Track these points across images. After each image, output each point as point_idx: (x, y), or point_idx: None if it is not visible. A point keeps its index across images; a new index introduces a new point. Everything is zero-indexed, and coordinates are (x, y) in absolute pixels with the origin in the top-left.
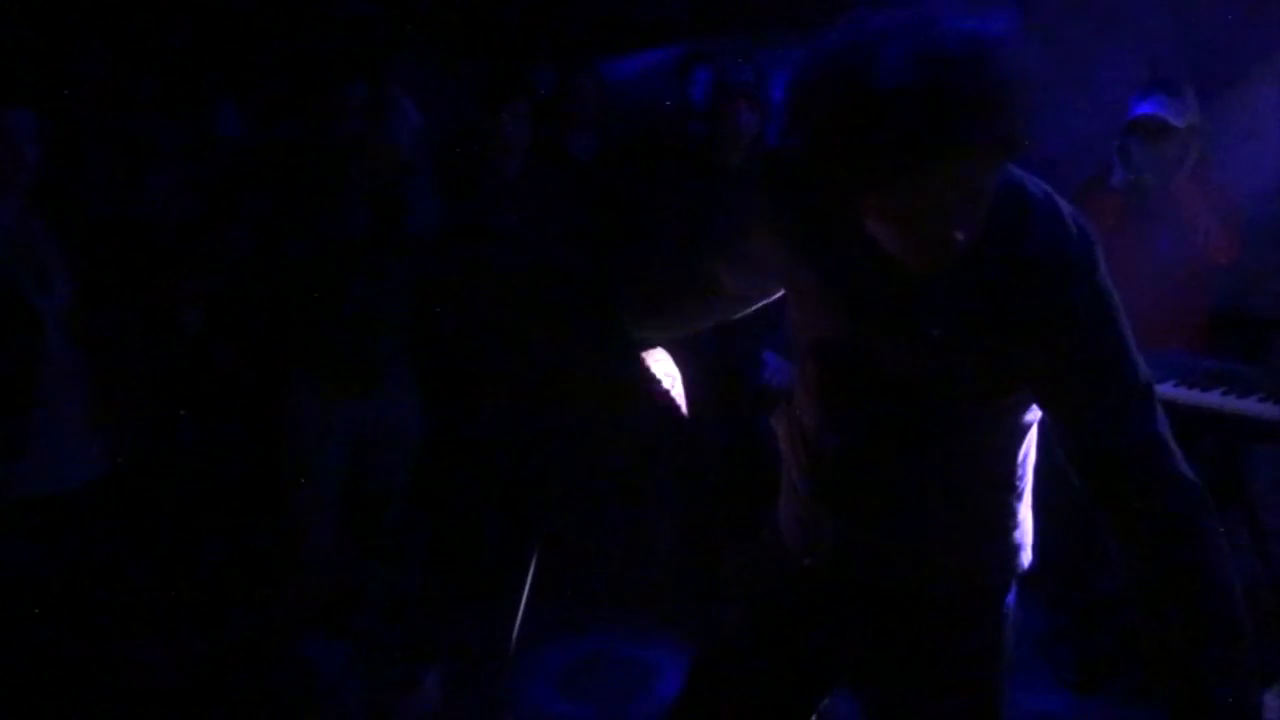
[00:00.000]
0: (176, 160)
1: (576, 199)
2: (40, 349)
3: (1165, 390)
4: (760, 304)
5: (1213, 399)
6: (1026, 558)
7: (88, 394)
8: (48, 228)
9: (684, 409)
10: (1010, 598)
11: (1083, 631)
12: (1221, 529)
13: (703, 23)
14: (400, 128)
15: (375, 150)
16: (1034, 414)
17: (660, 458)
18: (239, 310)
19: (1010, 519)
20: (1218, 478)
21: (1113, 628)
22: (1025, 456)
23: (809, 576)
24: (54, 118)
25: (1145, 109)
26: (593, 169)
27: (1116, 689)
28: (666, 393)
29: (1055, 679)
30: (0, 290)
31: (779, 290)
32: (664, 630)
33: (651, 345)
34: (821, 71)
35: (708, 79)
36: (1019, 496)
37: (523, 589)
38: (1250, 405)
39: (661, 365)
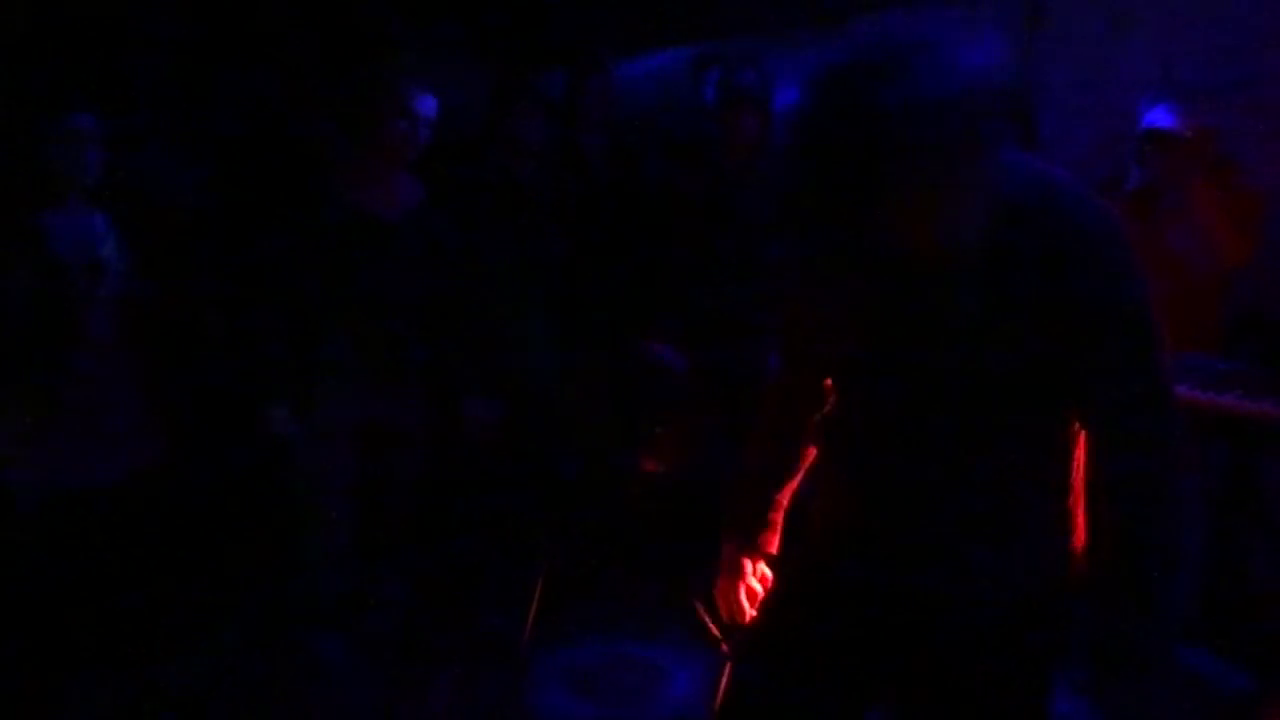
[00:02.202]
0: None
1: (588, 200)
2: (74, 347)
3: (1180, 393)
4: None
5: (1228, 401)
6: (1070, 567)
7: (135, 388)
8: (110, 222)
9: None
10: (1059, 607)
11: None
12: (1186, 499)
13: (713, 25)
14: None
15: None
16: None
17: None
18: (251, 310)
19: (1052, 527)
20: (1232, 480)
21: None
22: (1069, 464)
23: (851, 584)
24: (113, 118)
25: (1152, 120)
26: (604, 170)
27: None
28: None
29: (1070, 684)
30: (43, 287)
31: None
32: (674, 633)
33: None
34: (809, 107)
35: (717, 80)
36: (1064, 504)
37: (534, 591)
38: (1266, 408)
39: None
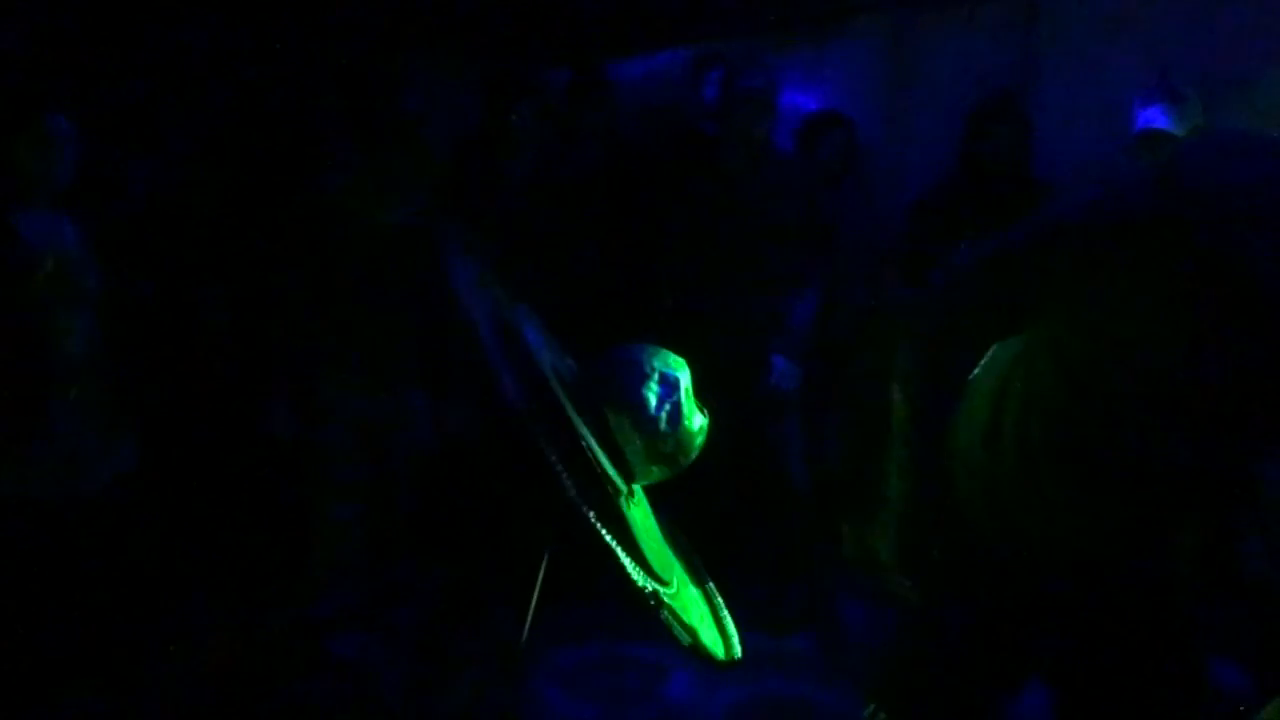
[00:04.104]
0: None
1: (586, 201)
2: (53, 348)
3: None
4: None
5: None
6: None
7: (115, 389)
8: (78, 224)
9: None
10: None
11: None
12: None
13: (712, 25)
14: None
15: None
16: None
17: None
18: (259, 310)
19: None
20: (1231, 481)
21: None
22: None
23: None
24: (89, 120)
25: (1147, 121)
26: (602, 170)
27: None
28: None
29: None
30: (17, 289)
31: None
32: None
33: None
34: None
35: (720, 80)
36: None
37: (532, 590)
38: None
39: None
